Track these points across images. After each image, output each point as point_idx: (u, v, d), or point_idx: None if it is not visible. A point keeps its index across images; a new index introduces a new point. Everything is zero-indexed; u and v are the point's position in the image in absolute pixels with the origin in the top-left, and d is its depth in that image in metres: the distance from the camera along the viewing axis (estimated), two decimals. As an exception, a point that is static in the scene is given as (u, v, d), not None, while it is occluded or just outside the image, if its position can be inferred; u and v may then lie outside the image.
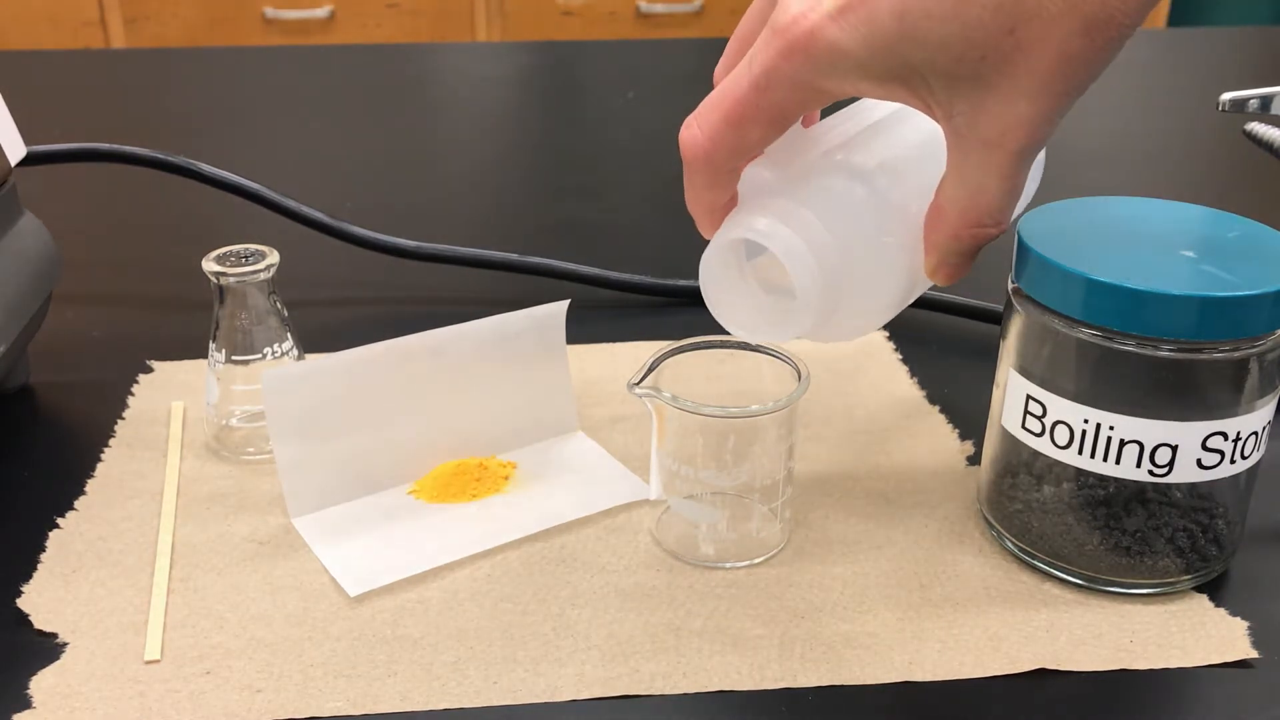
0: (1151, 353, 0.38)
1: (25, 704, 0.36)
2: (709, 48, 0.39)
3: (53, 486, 0.47)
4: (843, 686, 0.37)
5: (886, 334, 0.59)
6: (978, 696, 0.37)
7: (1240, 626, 0.40)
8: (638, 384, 0.41)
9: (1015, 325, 0.41)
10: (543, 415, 0.50)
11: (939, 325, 0.60)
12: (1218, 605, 0.41)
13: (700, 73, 0.39)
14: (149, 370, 0.55)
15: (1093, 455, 0.39)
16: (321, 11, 2.04)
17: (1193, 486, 0.40)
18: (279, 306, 0.48)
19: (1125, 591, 0.41)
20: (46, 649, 0.38)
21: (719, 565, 0.43)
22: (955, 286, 0.61)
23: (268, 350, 0.48)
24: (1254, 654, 0.38)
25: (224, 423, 0.48)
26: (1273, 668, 0.38)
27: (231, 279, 0.46)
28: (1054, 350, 0.40)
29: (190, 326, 0.57)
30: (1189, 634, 0.39)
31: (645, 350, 0.56)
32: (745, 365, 0.44)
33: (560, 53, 1.33)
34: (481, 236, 0.69)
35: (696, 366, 0.44)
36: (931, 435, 0.51)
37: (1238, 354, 0.38)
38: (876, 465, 0.49)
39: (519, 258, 0.63)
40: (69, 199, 0.76)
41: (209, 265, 0.47)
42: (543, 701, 0.37)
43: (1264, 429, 0.40)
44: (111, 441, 0.50)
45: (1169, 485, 0.40)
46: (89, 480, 0.47)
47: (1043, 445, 0.41)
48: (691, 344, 0.44)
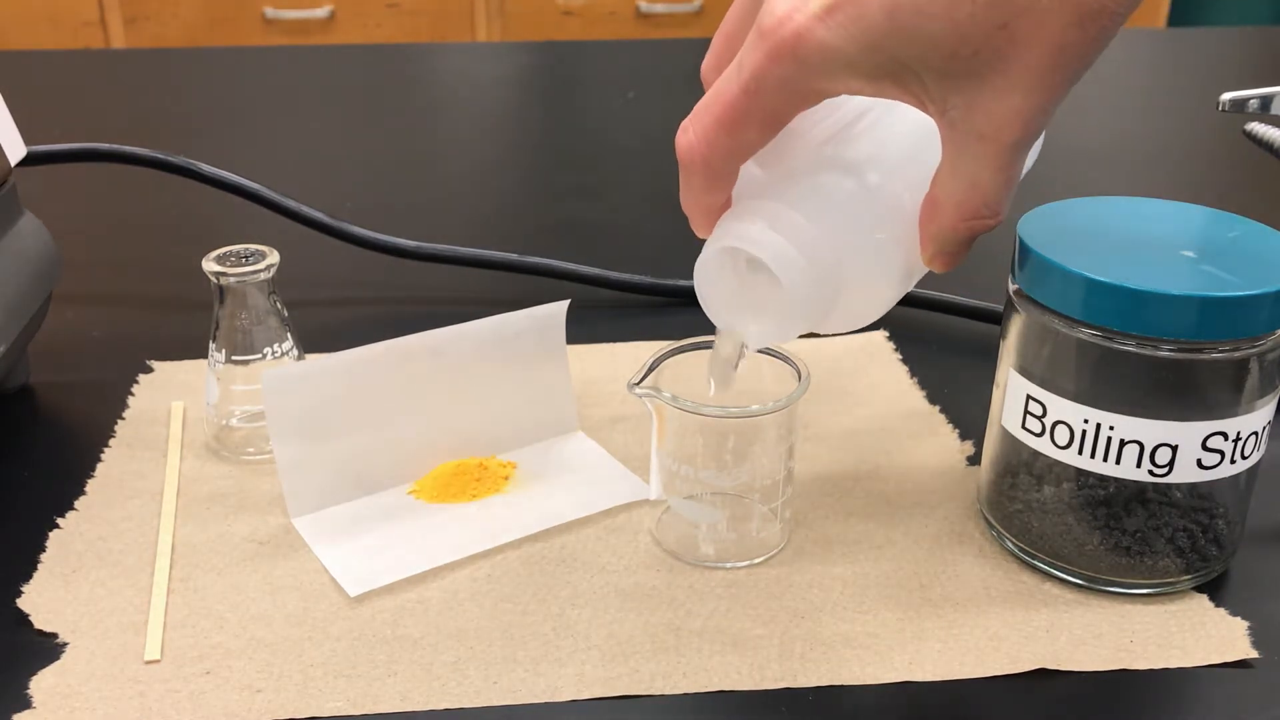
0: (1151, 353, 0.38)
1: (25, 704, 0.36)
2: (709, 48, 0.39)
3: (53, 486, 0.47)
4: (843, 686, 0.37)
5: (886, 334, 0.59)
6: (978, 696, 0.37)
7: (1240, 626, 0.40)
8: (638, 384, 0.41)
9: (1015, 325, 0.41)
10: (543, 415, 0.50)
11: (939, 325, 0.60)
12: (1218, 605, 0.41)
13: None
14: (149, 370, 0.55)
15: (1093, 455, 0.39)
16: (321, 11, 2.04)
17: (1193, 486, 0.40)
18: (279, 306, 0.48)
19: (1125, 591, 0.41)
20: (46, 649, 0.38)
21: (719, 565, 0.43)
22: (955, 286, 0.61)
23: (268, 350, 0.48)
24: (1254, 654, 0.38)
25: (224, 423, 0.48)
26: (1273, 668, 0.38)
27: (231, 279, 0.46)
28: (1054, 350, 0.40)
29: (190, 326, 0.57)
30: (1189, 634, 0.39)
31: (645, 350, 0.56)
32: (745, 365, 0.44)
33: (560, 53, 1.33)
34: (481, 236, 0.69)
35: (696, 366, 0.44)
36: (931, 435, 0.51)
37: (1238, 354, 0.38)
38: (876, 465, 0.49)
39: (519, 258, 0.63)
40: (69, 199, 0.76)
41: (209, 265, 0.47)
42: (543, 701, 0.37)
43: (1264, 429, 0.40)
44: (111, 441, 0.50)
45: (1169, 485, 0.40)
46: (89, 480, 0.47)
47: (1043, 445, 0.41)
48: (691, 344, 0.44)
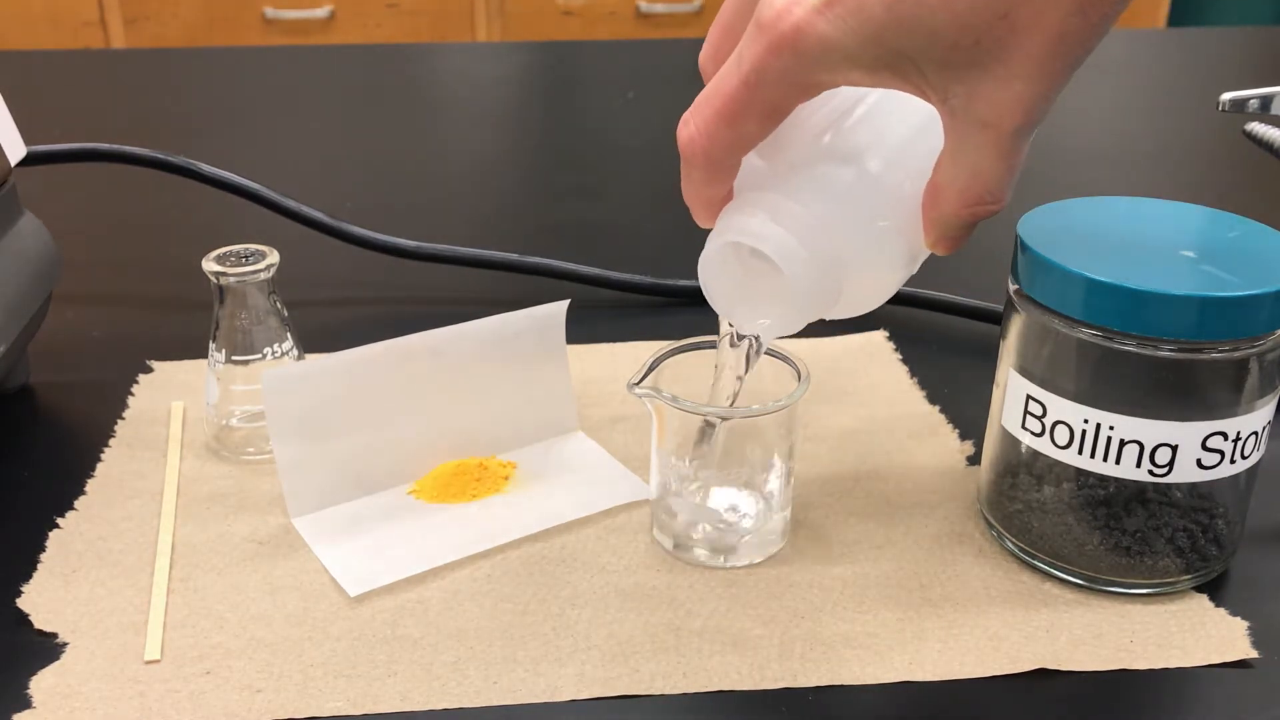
0: (1151, 353, 0.38)
1: (25, 704, 0.36)
2: (705, 39, 0.39)
3: (53, 486, 0.47)
4: (843, 686, 0.37)
5: (886, 334, 0.59)
6: (978, 696, 0.37)
7: (1240, 626, 0.40)
8: (638, 384, 0.41)
9: (1015, 325, 0.41)
10: (543, 415, 0.50)
11: (939, 325, 0.60)
12: (1218, 605, 0.41)
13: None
14: (149, 370, 0.55)
15: (1093, 455, 0.39)
16: (321, 11, 2.04)
17: (1193, 486, 0.40)
18: (279, 306, 0.48)
19: (1125, 591, 0.41)
20: (46, 649, 0.38)
21: (719, 565, 0.43)
22: (955, 286, 0.61)
23: (268, 350, 0.48)
24: (1254, 654, 0.38)
25: (224, 423, 0.48)
26: (1273, 668, 0.38)
27: (231, 279, 0.46)
28: (1054, 350, 0.40)
29: (190, 326, 0.57)
30: (1189, 634, 0.39)
31: (645, 350, 0.56)
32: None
33: (560, 53, 1.33)
34: (481, 236, 0.69)
35: (696, 366, 0.44)
36: (931, 435, 0.51)
37: (1238, 354, 0.38)
38: (876, 465, 0.49)
39: (519, 258, 0.63)
40: (69, 199, 0.76)
41: (209, 265, 0.47)
42: (543, 701, 0.37)
43: (1264, 429, 0.40)
44: (111, 441, 0.50)
45: (1169, 485, 0.40)
46: (89, 480, 0.47)
47: (1043, 445, 0.41)
48: (691, 344, 0.44)
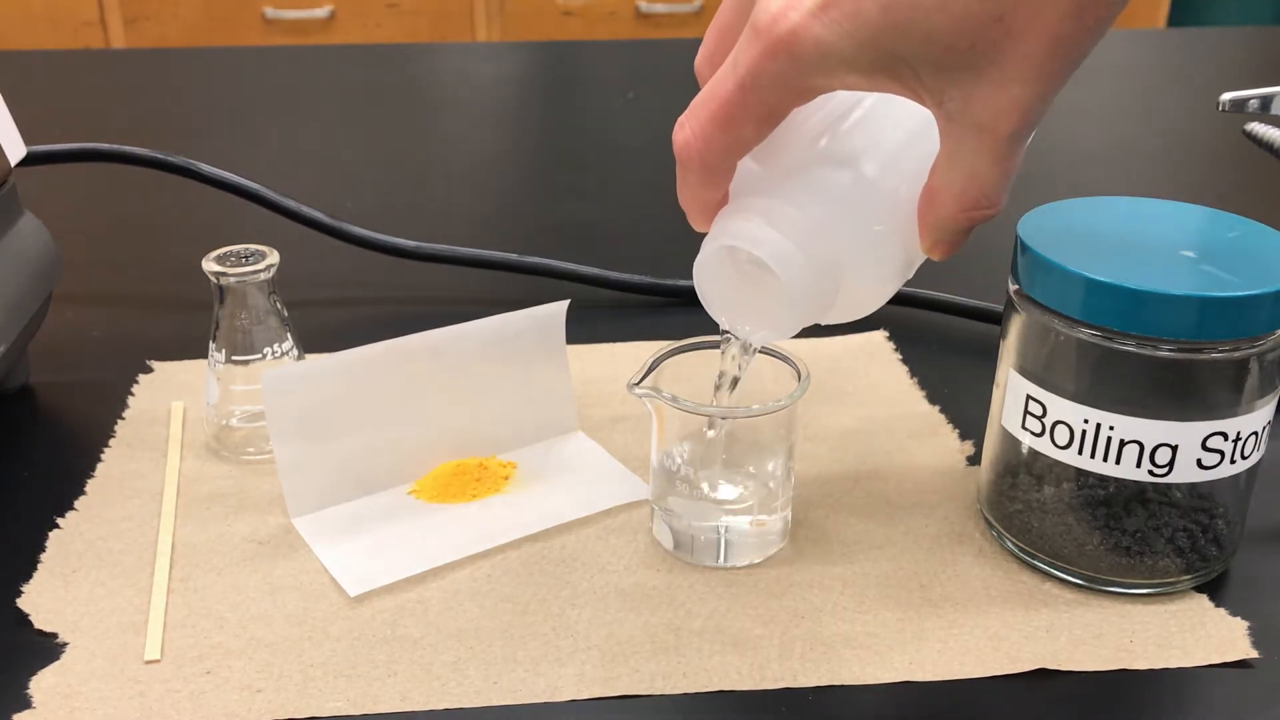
0: (1151, 353, 0.38)
1: (25, 704, 0.36)
2: (702, 42, 0.39)
3: (53, 486, 0.47)
4: (843, 686, 0.37)
5: (886, 334, 0.59)
6: (978, 696, 0.37)
7: (1240, 626, 0.40)
8: (638, 384, 0.41)
9: (1015, 325, 0.41)
10: (543, 415, 0.50)
11: (939, 325, 0.60)
12: (1218, 605, 0.41)
13: (700, 73, 0.39)
14: (149, 370, 0.55)
15: (1093, 455, 0.39)
16: (321, 11, 2.04)
17: (1193, 486, 0.40)
18: (279, 306, 0.48)
19: (1125, 591, 0.41)
20: (46, 649, 0.38)
21: (719, 565, 0.43)
22: (955, 286, 0.61)
23: (268, 350, 0.48)
24: (1254, 654, 0.38)
25: (224, 423, 0.48)
26: (1273, 668, 0.38)
27: (231, 279, 0.46)
28: (1054, 350, 0.40)
29: (190, 326, 0.57)
30: (1189, 634, 0.39)
31: (645, 350, 0.55)
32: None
33: (560, 53, 1.33)
34: (481, 236, 0.69)
35: (696, 366, 0.44)
36: (931, 435, 0.51)
37: (1238, 354, 0.38)
38: (876, 465, 0.49)
39: (519, 258, 0.63)
40: (69, 199, 0.76)
41: (209, 265, 0.47)
42: (543, 701, 0.37)
43: (1264, 429, 0.40)
44: (111, 441, 0.50)
45: (1169, 485, 0.40)
46: (89, 480, 0.47)
47: (1043, 445, 0.41)
48: (691, 344, 0.44)
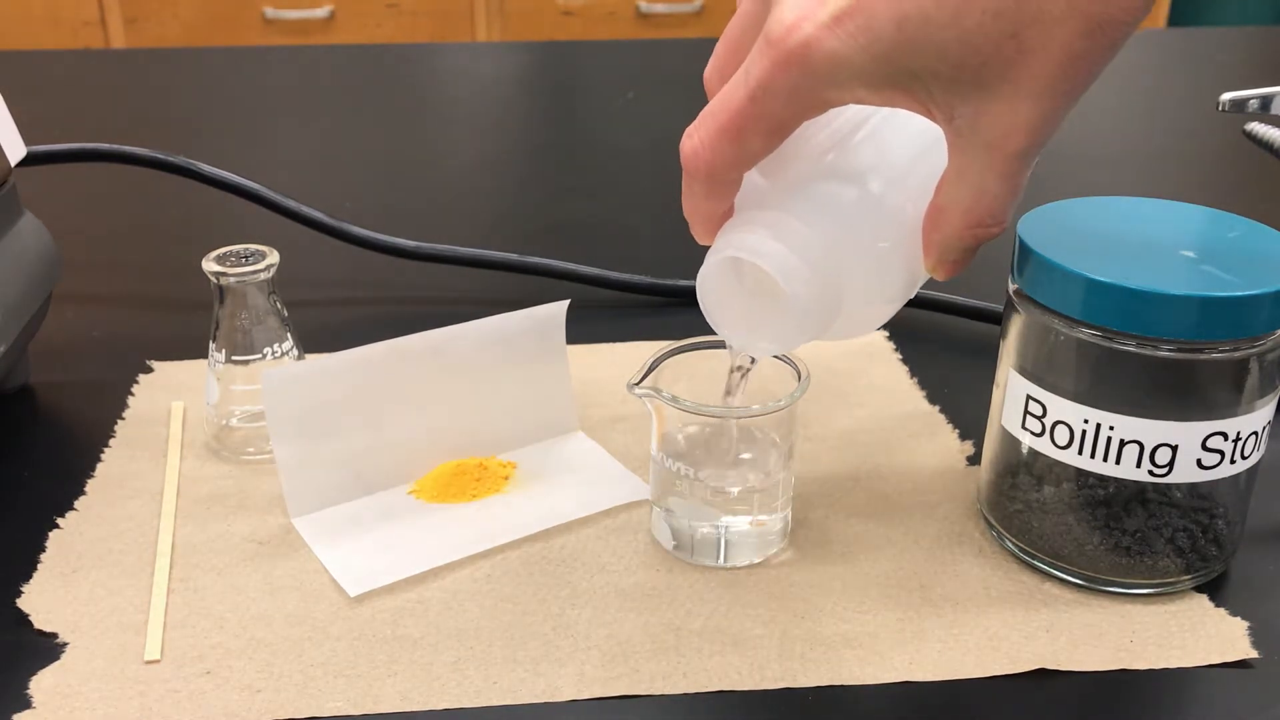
0: (1151, 353, 0.38)
1: (25, 704, 0.36)
2: (709, 48, 0.39)
3: (53, 486, 0.47)
4: (843, 686, 0.37)
5: (886, 334, 0.59)
6: (978, 696, 0.37)
7: (1240, 626, 0.40)
8: (638, 384, 0.41)
9: (1015, 325, 0.41)
10: (543, 415, 0.50)
11: (939, 325, 0.60)
12: (1218, 605, 0.41)
13: (700, 73, 0.39)
14: (149, 370, 0.55)
15: (1093, 455, 0.39)
16: (321, 11, 2.04)
17: (1193, 486, 0.40)
18: (279, 306, 0.48)
19: (1125, 591, 0.41)
20: (46, 649, 0.38)
21: (719, 565, 0.43)
22: (955, 286, 0.61)
23: (268, 350, 0.48)
24: (1254, 654, 0.38)
25: (224, 423, 0.48)
26: (1273, 668, 0.38)
27: (231, 279, 0.46)
28: (1054, 350, 0.40)
29: (190, 326, 0.57)
30: (1189, 634, 0.39)
31: (645, 350, 0.56)
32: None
33: (560, 53, 1.33)
34: (481, 236, 0.69)
35: (696, 366, 0.44)
36: (931, 435, 0.51)
37: (1238, 354, 0.38)
38: (876, 465, 0.49)
39: (519, 258, 0.63)
40: (69, 199, 0.76)
41: (209, 265, 0.47)
42: (543, 701, 0.37)
43: (1264, 429, 0.40)
44: (111, 441, 0.50)
45: (1169, 485, 0.40)
46: (89, 480, 0.47)
47: (1043, 445, 0.41)
48: (691, 344, 0.44)
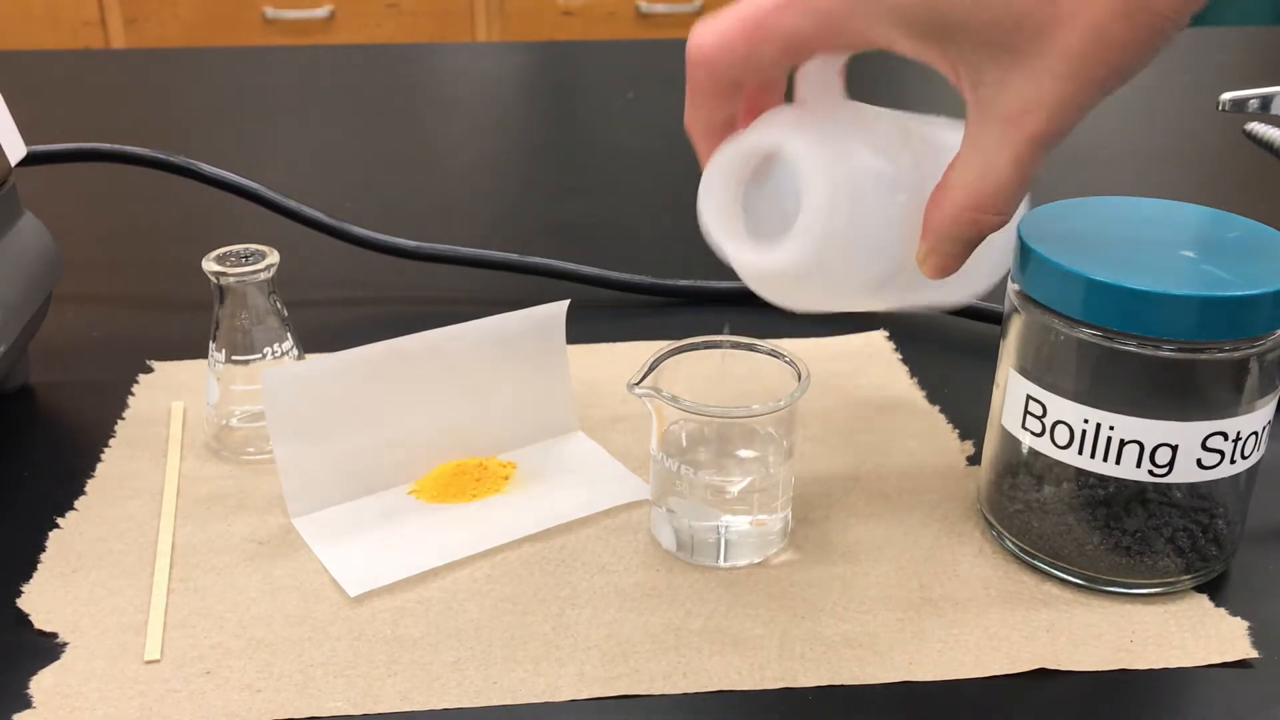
0: (1152, 353, 0.38)
1: (25, 704, 0.36)
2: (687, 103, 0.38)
3: (53, 486, 0.47)
4: (843, 686, 0.37)
5: (886, 334, 0.59)
6: (978, 696, 0.37)
7: (1240, 626, 0.40)
8: (638, 384, 0.41)
9: (1015, 325, 0.41)
10: (543, 415, 0.50)
11: (939, 325, 0.60)
12: (1218, 605, 0.41)
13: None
14: (149, 370, 0.55)
15: (1093, 455, 0.39)
16: (321, 11, 2.04)
17: (1193, 486, 0.40)
18: (279, 306, 0.48)
19: (1125, 591, 0.41)
20: (46, 649, 0.38)
21: (719, 565, 0.43)
22: (955, 286, 0.61)
23: (268, 350, 0.48)
24: (1254, 654, 0.38)
25: (224, 423, 0.48)
26: (1273, 668, 0.38)
27: (231, 279, 0.46)
28: (1054, 350, 0.40)
29: (190, 326, 0.57)
30: (1189, 634, 0.39)
31: (645, 350, 0.55)
32: (745, 365, 0.44)
33: (560, 53, 1.33)
34: (481, 236, 0.69)
35: (696, 366, 0.44)
36: (931, 435, 0.51)
37: (1238, 354, 0.38)
38: (876, 465, 0.49)
39: (519, 258, 0.63)
40: (69, 199, 0.76)
41: (209, 265, 0.47)
42: (543, 701, 0.37)
43: (1264, 429, 0.40)
44: (111, 441, 0.50)
45: (1169, 485, 0.40)
46: (89, 480, 0.47)
47: (1043, 445, 0.41)
48: (691, 344, 0.44)
